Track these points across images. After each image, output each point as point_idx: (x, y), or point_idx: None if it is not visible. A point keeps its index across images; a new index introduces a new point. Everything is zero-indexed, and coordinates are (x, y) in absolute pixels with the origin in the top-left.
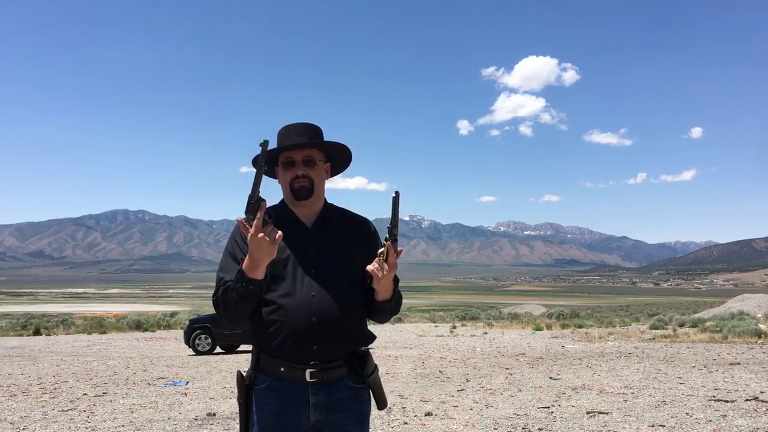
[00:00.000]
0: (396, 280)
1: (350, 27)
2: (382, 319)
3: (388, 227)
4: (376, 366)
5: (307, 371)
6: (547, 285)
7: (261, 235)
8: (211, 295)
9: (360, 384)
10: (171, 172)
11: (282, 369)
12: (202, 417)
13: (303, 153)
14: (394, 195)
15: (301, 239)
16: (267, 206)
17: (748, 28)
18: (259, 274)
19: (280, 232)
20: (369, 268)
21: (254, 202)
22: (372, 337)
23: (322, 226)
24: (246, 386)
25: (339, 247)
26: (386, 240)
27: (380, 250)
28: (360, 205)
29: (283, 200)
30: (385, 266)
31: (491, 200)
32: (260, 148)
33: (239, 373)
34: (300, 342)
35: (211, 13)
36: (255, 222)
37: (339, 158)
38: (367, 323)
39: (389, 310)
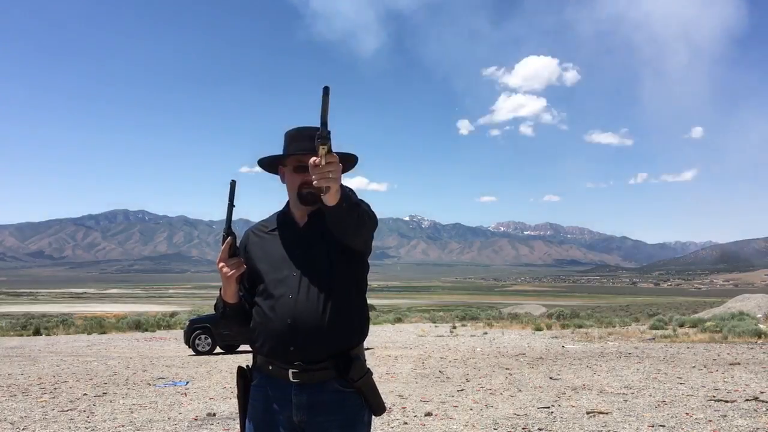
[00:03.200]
0: (355, 202)
1: (351, 26)
2: (346, 230)
3: (319, 131)
4: (368, 370)
5: (290, 371)
6: (547, 285)
7: (221, 264)
8: None
9: (349, 388)
10: (171, 172)
11: (270, 367)
12: (202, 417)
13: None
14: (324, 89)
15: (291, 241)
16: (278, 211)
17: (749, 27)
18: (229, 298)
19: (244, 267)
20: (315, 183)
21: (225, 235)
22: (362, 338)
23: (313, 224)
24: (243, 382)
25: (327, 243)
26: (318, 142)
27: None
28: None
29: (287, 204)
30: (326, 172)
31: (491, 200)
32: (229, 187)
33: (240, 369)
34: (277, 343)
35: (212, 13)
36: (220, 254)
37: (345, 166)
38: (362, 323)
39: (346, 210)
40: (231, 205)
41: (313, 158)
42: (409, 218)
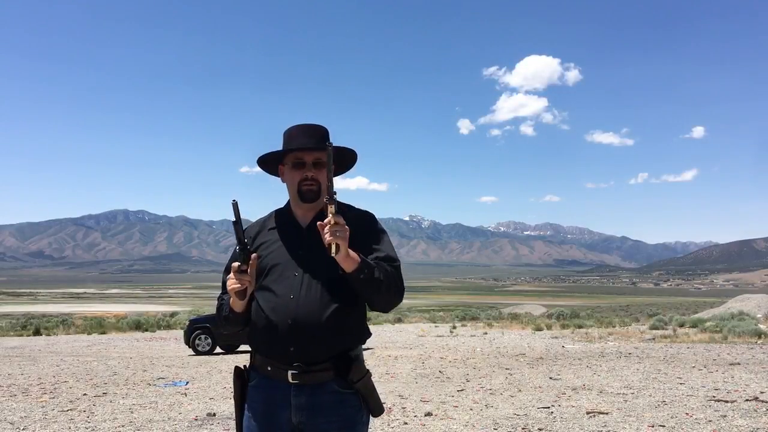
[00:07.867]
0: (377, 277)
1: (351, 26)
2: (372, 300)
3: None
4: (367, 371)
5: (289, 372)
6: (547, 285)
7: (231, 277)
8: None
9: (348, 389)
10: (171, 172)
11: (269, 368)
12: (202, 417)
13: (313, 155)
14: (327, 151)
15: (293, 241)
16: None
17: (750, 26)
18: (237, 308)
19: (253, 286)
20: (325, 241)
21: (240, 250)
22: (363, 339)
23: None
24: (241, 382)
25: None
26: (327, 201)
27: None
28: (360, 206)
29: (288, 203)
30: (333, 231)
31: (492, 200)
32: (232, 208)
33: (237, 369)
34: (277, 344)
35: (212, 12)
36: (233, 267)
37: (345, 162)
38: (363, 324)
39: (363, 281)
40: (238, 224)
41: (325, 221)
42: (409, 218)
